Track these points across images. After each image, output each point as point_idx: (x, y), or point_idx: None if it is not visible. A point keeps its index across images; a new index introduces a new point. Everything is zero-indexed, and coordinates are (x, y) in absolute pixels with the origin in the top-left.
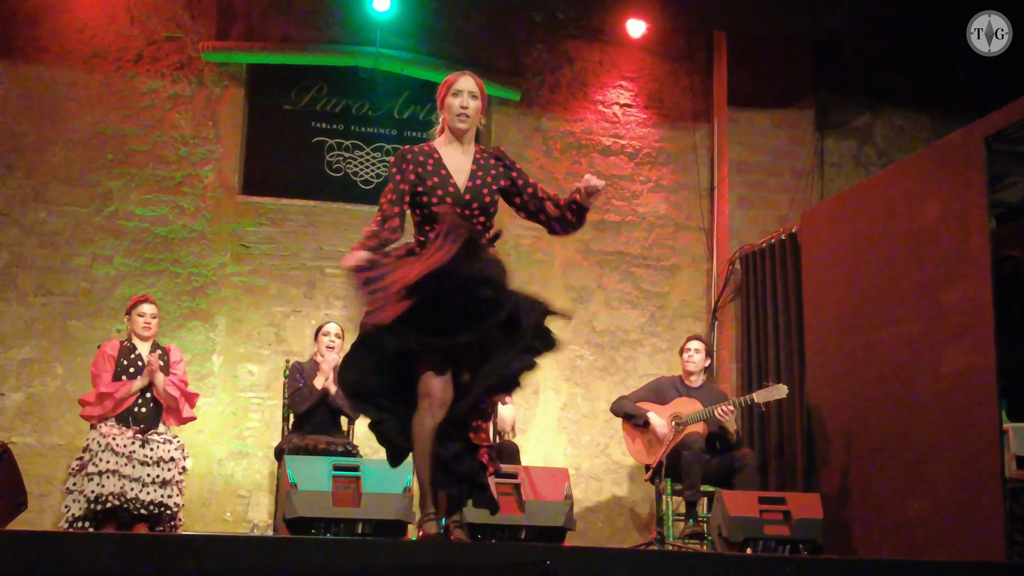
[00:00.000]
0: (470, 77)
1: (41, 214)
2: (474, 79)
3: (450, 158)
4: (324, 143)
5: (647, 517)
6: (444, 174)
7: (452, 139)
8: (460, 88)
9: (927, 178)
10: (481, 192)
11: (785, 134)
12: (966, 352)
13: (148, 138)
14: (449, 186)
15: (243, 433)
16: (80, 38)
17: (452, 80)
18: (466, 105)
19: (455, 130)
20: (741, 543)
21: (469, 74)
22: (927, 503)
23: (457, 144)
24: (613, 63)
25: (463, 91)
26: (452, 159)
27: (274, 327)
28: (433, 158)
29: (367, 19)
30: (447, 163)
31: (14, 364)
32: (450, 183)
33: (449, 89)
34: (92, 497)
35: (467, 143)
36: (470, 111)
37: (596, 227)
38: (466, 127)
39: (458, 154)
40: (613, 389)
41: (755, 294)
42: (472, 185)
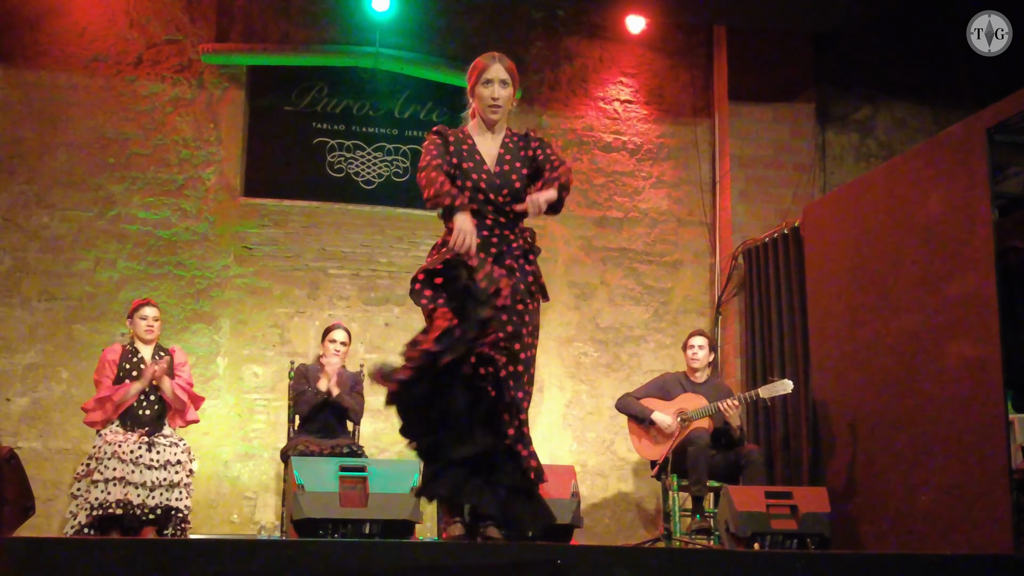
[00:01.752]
0: (500, 64)
1: (44, 219)
2: (504, 64)
3: (483, 144)
4: (325, 144)
5: (654, 513)
6: (479, 160)
7: (483, 126)
8: (491, 77)
9: (929, 170)
10: (510, 178)
11: (786, 128)
12: (971, 344)
13: (149, 141)
14: (483, 172)
15: (249, 435)
16: (80, 42)
17: (482, 66)
18: (497, 96)
19: (487, 120)
20: (748, 538)
21: (499, 58)
22: (934, 495)
23: (488, 131)
24: (613, 59)
25: (494, 80)
26: (484, 145)
27: (278, 328)
28: (468, 143)
29: (367, 19)
30: (480, 148)
31: (19, 369)
32: (483, 169)
33: (479, 77)
34: (96, 504)
35: (499, 129)
36: (501, 101)
37: (599, 224)
38: (498, 118)
39: (489, 140)
40: (618, 385)
41: (758, 288)
42: (501, 171)
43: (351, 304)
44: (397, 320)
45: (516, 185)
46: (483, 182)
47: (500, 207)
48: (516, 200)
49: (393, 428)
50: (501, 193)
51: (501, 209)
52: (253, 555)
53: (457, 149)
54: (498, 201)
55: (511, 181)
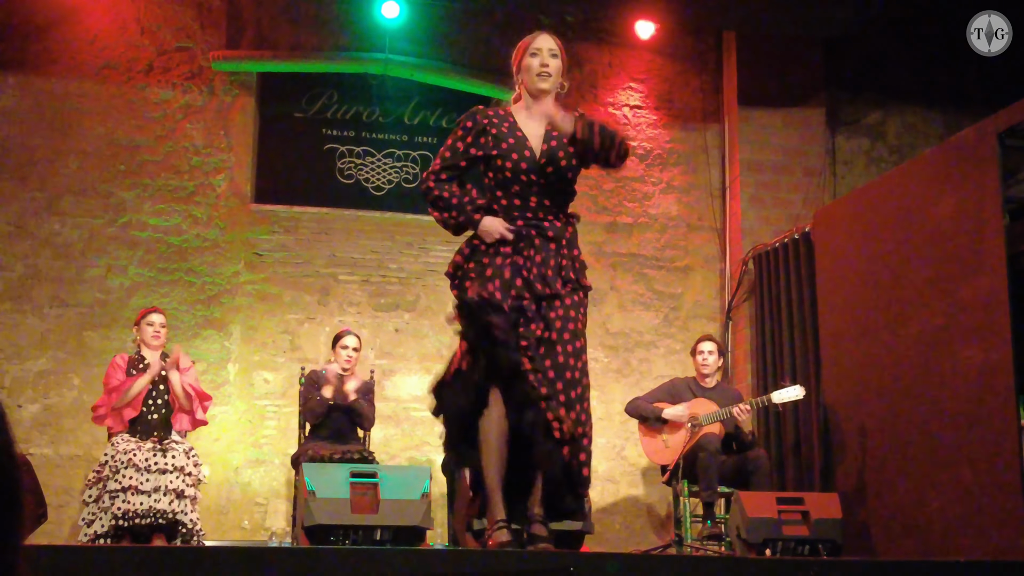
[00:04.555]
0: (548, 36)
1: (55, 226)
2: (553, 37)
3: (526, 122)
4: (335, 150)
5: (664, 518)
6: (520, 136)
7: (530, 102)
8: (539, 47)
9: (940, 175)
10: (557, 155)
11: (796, 133)
12: (983, 348)
13: (160, 148)
14: (525, 150)
15: (259, 441)
16: (91, 50)
17: (528, 42)
18: (547, 63)
19: (536, 92)
20: (760, 544)
21: (547, 32)
22: (946, 501)
23: (535, 107)
24: (622, 65)
25: (542, 49)
26: (528, 123)
27: (288, 334)
28: (508, 121)
29: (376, 26)
30: (523, 126)
31: (30, 376)
32: (527, 146)
33: (526, 51)
34: (119, 514)
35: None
36: (551, 68)
37: (608, 229)
38: (548, 86)
39: (535, 117)
40: (628, 391)
41: (769, 294)
42: (547, 148)
43: (361, 310)
44: (407, 326)
45: (562, 164)
46: (525, 161)
47: (544, 188)
48: (560, 180)
49: (404, 434)
50: (544, 171)
51: (545, 189)
52: (265, 562)
53: (492, 126)
54: (541, 183)
55: (557, 159)
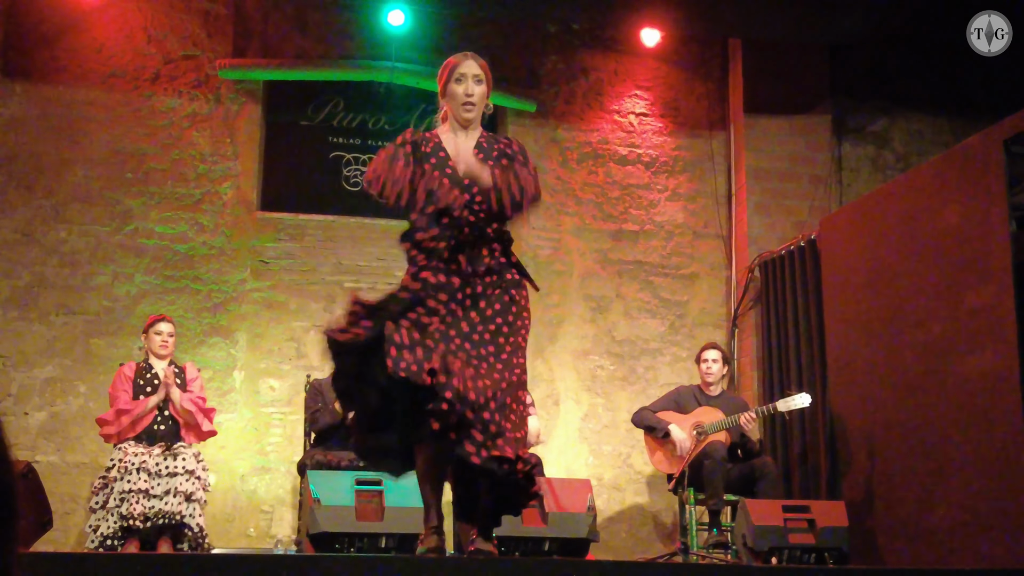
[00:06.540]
0: (473, 60)
1: (62, 234)
2: (477, 61)
3: (451, 142)
4: (341, 158)
5: (670, 527)
6: (443, 156)
7: (456, 127)
8: (463, 72)
9: (946, 182)
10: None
11: (802, 140)
12: (989, 356)
13: (167, 156)
14: (447, 168)
15: (265, 448)
16: (98, 58)
17: (454, 63)
18: (471, 92)
19: (461, 120)
20: (766, 552)
21: (471, 56)
22: (952, 509)
23: (462, 130)
24: (628, 73)
25: (467, 75)
26: (452, 142)
27: (294, 342)
28: (433, 142)
29: (382, 34)
30: (447, 146)
31: (37, 383)
32: (448, 165)
33: (451, 74)
34: (126, 514)
35: (472, 128)
36: (475, 98)
37: (614, 237)
38: (472, 116)
39: (461, 138)
40: (634, 399)
41: (775, 301)
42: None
43: None
44: None
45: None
46: (447, 178)
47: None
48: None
49: None
50: (470, 191)
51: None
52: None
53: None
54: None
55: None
